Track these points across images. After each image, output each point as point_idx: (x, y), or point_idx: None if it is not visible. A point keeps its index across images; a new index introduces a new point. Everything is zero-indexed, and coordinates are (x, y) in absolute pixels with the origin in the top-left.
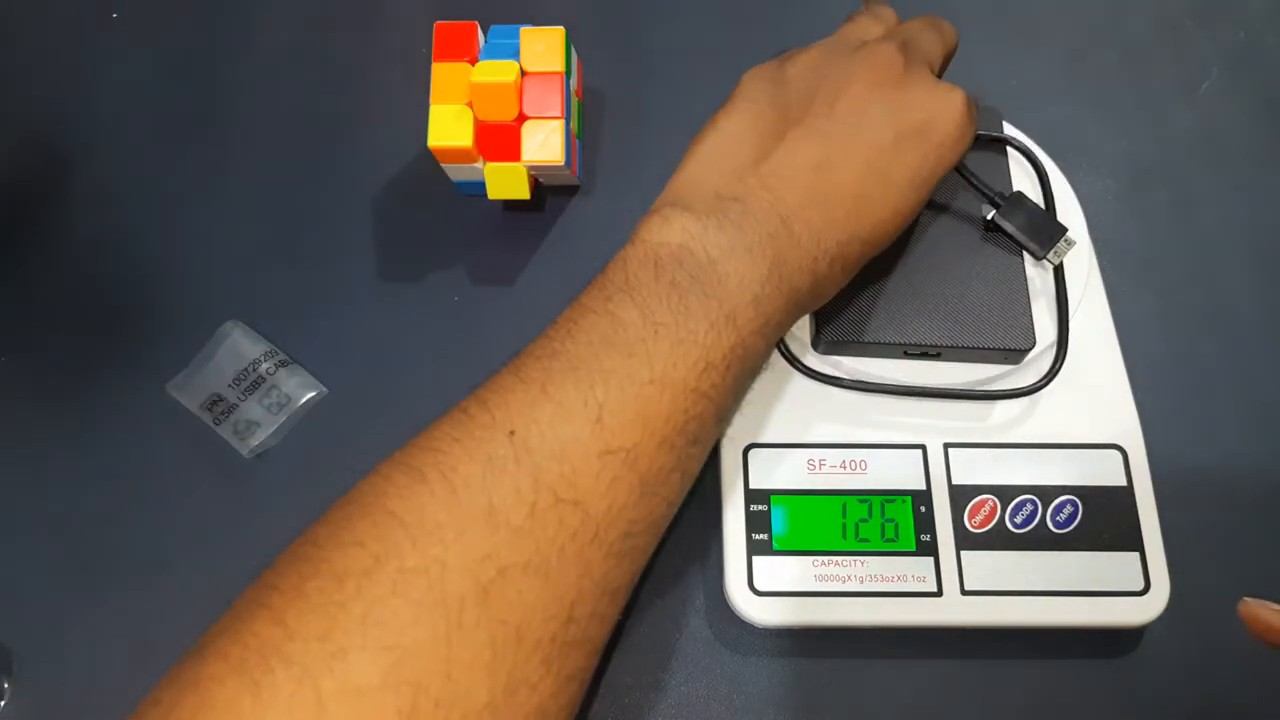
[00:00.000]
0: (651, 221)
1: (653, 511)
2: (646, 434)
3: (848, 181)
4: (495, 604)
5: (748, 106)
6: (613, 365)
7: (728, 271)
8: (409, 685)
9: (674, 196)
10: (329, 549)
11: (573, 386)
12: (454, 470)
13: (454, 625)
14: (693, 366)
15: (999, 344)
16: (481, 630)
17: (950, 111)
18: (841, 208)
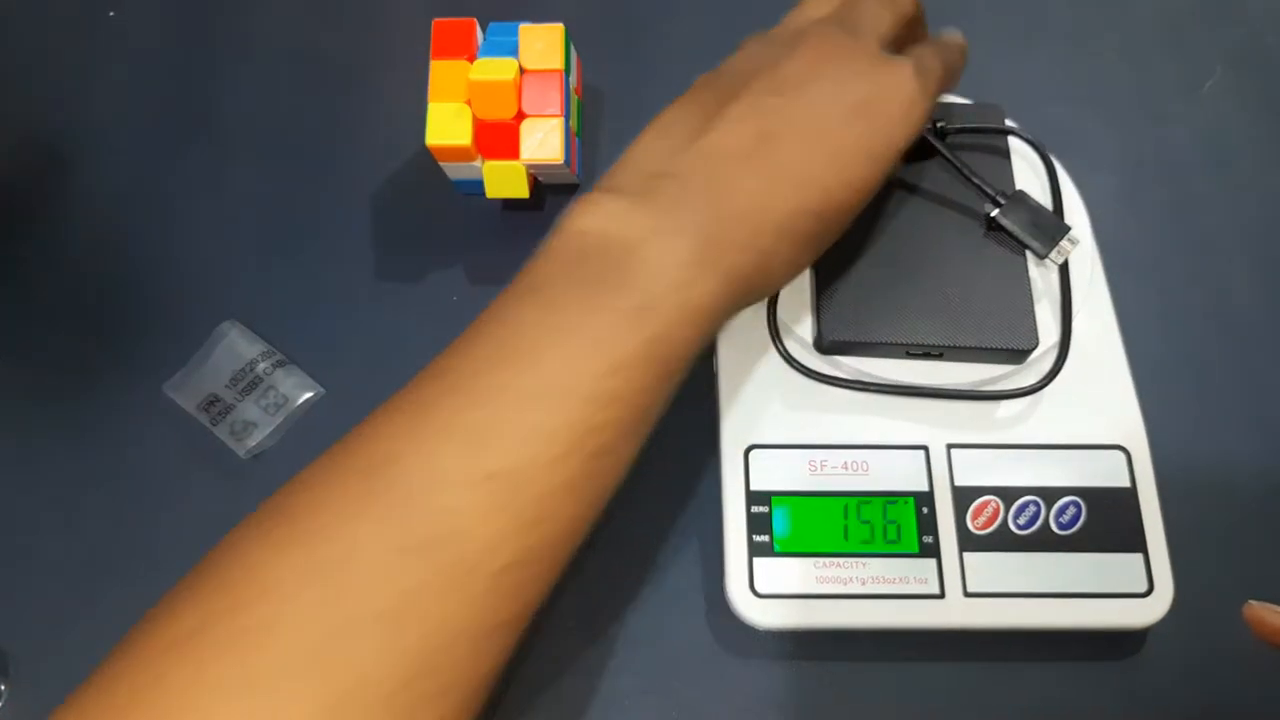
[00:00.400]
0: (575, 208)
1: (547, 536)
2: (533, 453)
3: (791, 152)
4: (332, 661)
5: (689, 95)
6: (502, 381)
7: (647, 256)
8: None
9: (606, 182)
10: (164, 608)
11: (451, 410)
12: (313, 516)
13: (280, 690)
14: (594, 371)
15: (1001, 344)
16: (311, 692)
17: (896, 81)
18: (786, 180)
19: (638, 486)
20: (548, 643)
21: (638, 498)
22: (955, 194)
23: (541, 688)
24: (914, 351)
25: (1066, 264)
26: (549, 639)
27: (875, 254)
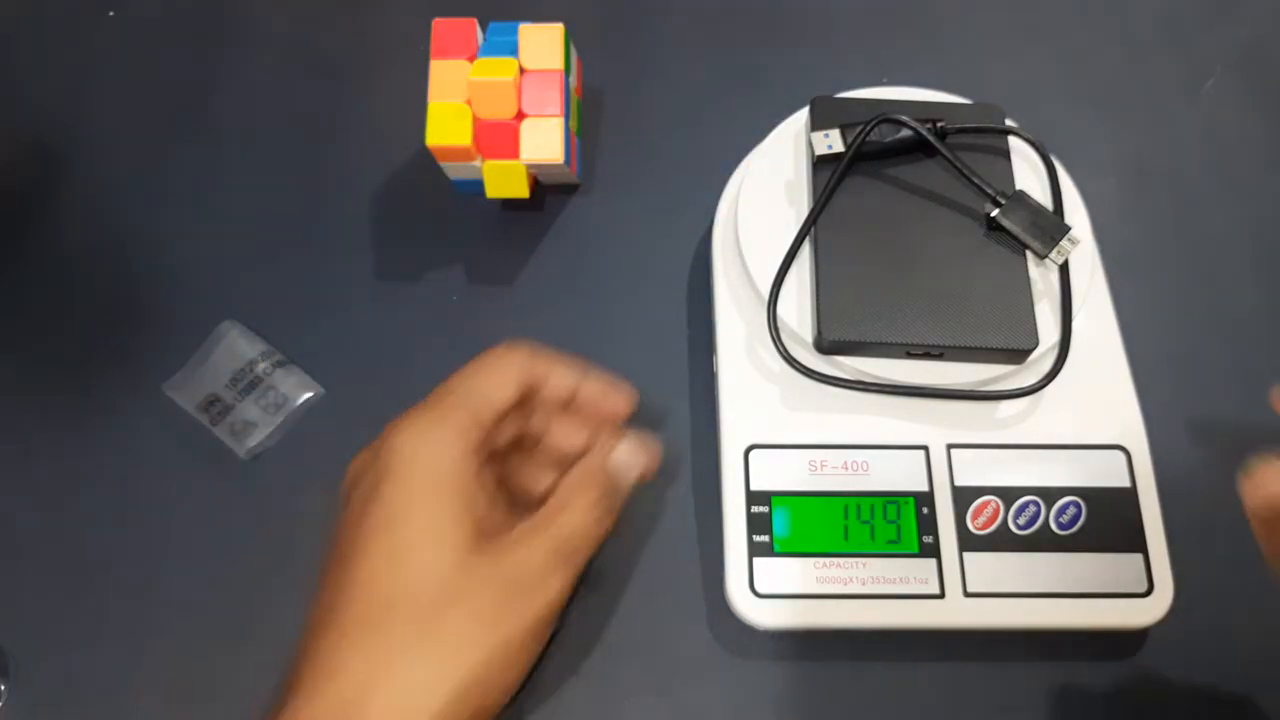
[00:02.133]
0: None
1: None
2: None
3: (321, 603)
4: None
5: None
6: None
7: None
8: None
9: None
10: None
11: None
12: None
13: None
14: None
15: (1002, 344)
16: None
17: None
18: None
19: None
20: (548, 643)
21: (638, 498)
22: (955, 194)
23: (542, 688)
24: (914, 351)
25: (1066, 264)
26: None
27: (875, 254)
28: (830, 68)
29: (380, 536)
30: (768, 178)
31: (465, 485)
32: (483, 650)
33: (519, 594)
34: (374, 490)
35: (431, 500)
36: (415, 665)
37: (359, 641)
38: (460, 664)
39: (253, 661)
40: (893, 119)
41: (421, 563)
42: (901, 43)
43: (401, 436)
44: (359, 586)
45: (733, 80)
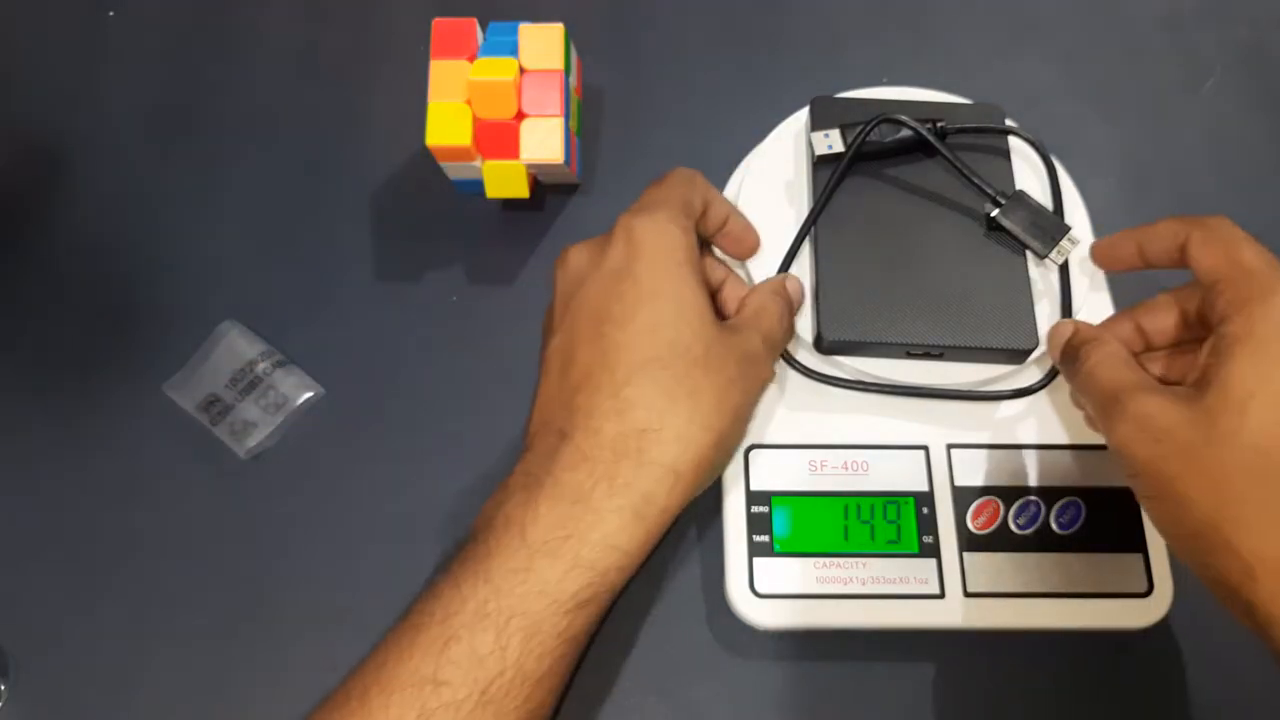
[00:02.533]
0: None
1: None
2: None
3: (581, 364)
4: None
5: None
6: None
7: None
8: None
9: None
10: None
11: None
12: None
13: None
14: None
15: (1002, 344)
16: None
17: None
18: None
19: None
20: None
21: None
22: (955, 194)
23: None
24: (914, 351)
25: (1066, 264)
26: None
27: (875, 254)
28: (830, 68)
29: (642, 307)
30: (768, 178)
31: (699, 270)
32: (727, 413)
33: (750, 369)
34: (626, 269)
35: (682, 280)
36: (686, 413)
37: (636, 390)
38: (714, 421)
39: (253, 661)
40: (893, 119)
41: (678, 331)
42: (901, 43)
43: (645, 226)
44: (624, 350)
45: (733, 80)
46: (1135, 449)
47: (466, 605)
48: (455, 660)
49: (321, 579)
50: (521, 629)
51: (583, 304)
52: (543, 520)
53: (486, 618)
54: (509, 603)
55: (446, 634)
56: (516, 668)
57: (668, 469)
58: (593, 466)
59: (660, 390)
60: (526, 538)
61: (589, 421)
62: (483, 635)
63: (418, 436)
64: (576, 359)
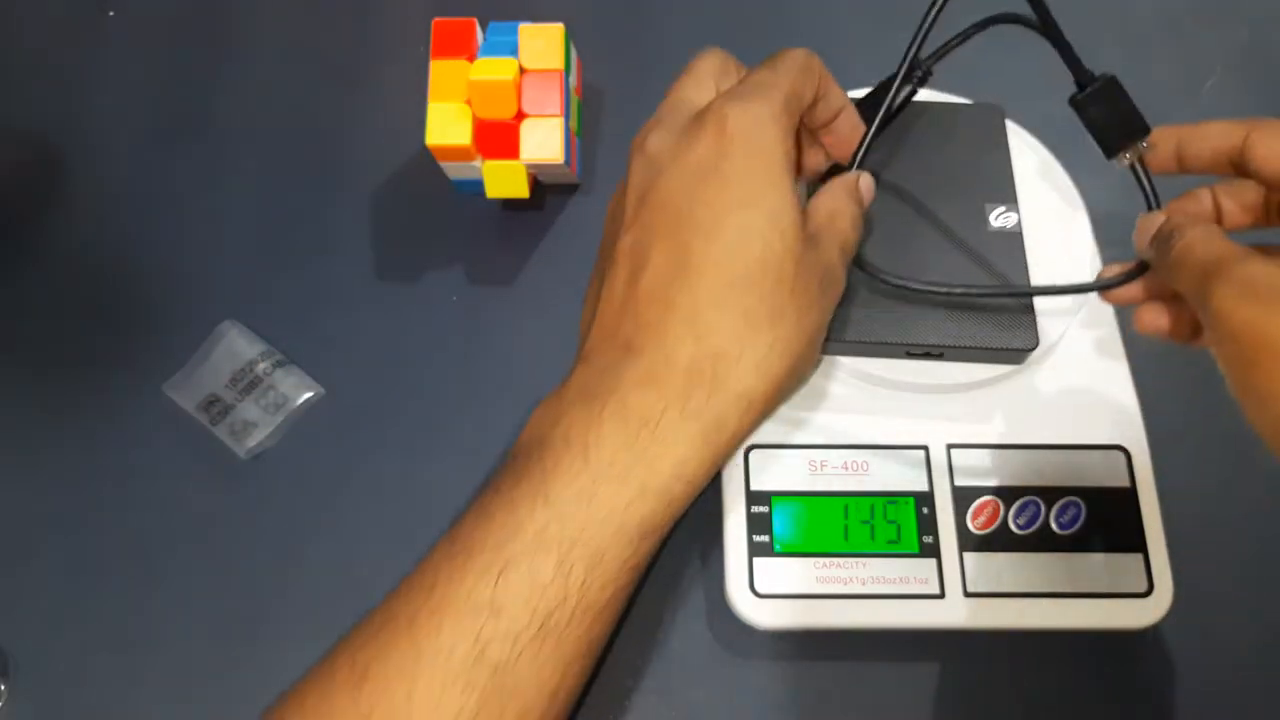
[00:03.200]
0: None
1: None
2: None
3: (655, 271)
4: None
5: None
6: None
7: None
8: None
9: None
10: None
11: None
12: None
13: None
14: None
15: (1002, 344)
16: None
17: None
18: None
19: None
20: None
21: None
22: (956, 194)
23: None
24: (914, 352)
25: (1142, 162)
26: None
27: (875, 254)
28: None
29: (731, 216)
30: None
31: (791, 173)
32: (806, 338)
33: (830, 286)
34: (714, 167)
35: (776, 187)
36: (768, 341)
37: (718, 314)
38: (793, 346)
39: (253, 661)
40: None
41: (769, 247)
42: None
43: (742, 119)
44: (708, 265)
45: None
46: (1237, 311)
47: (525, 529)
48: (513, 587)
49: (321, 579)
50: (585, 557)
51: (663, 201)
52: (608, 443)
53: (547, 544)
54: (571, 529)
55: (503, 559)
56: (579, 597)
57: (741, 396)
58: (663, 390)
59: (743, 314)
60: (590, 460)
61: (662, 341)
62: (543, 562)
63: (418, 436)
64: (651, 263)
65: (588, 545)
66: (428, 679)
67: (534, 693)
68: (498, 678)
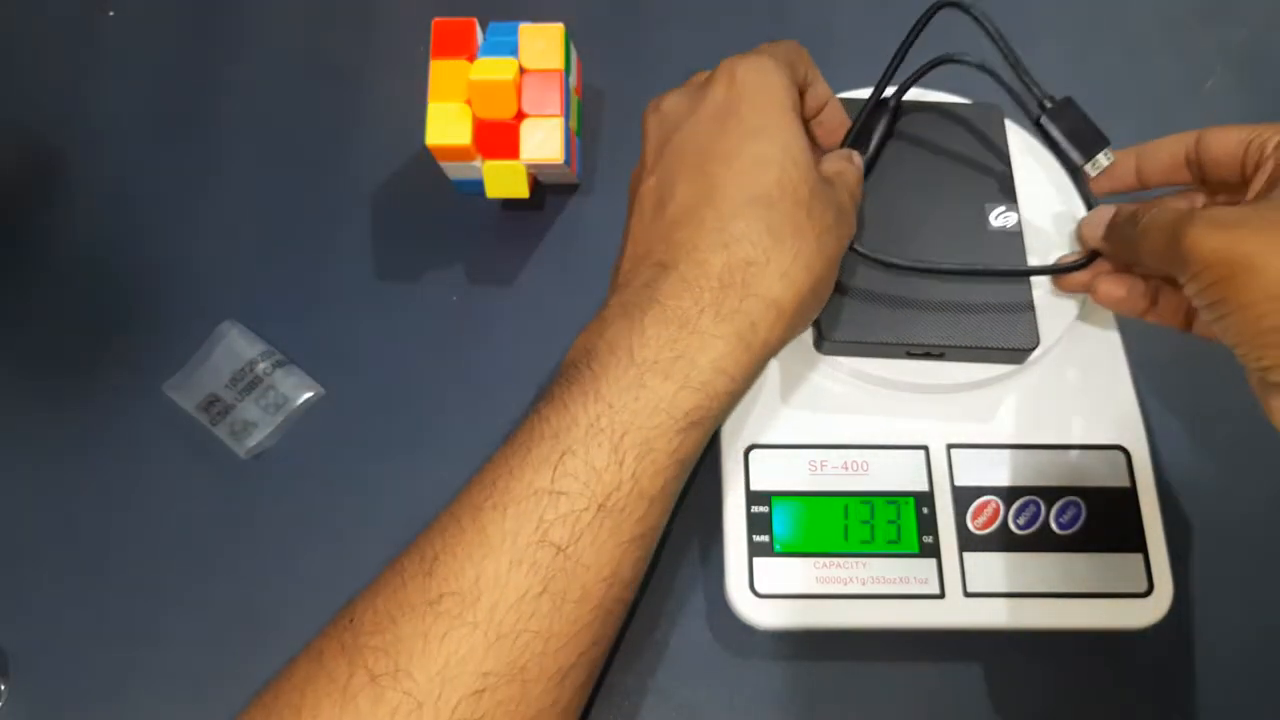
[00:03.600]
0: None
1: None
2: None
3: (681, 201)
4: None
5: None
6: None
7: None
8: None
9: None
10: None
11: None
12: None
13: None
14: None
15: (1002, 344)
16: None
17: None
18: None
19: None
20: None
21: None
22: (956, 194)
23: None
24: (914, 352)
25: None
26: None
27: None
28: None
29: (747, 145)
30: None
31: (799, 117)
32: (825, 258)
33: (841, 220)
34: (732, 109)
35: (786, 123)
36: (791, 251)
37: (743, 224)
38: (814, 263)
39: (253, 661)
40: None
41: (785, 170)
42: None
43: (749, 68)
44: (730, 184)
45: None
46: (1207, 241)
47: (579, 422)
48: (572, 472)
49: (321, 579)
50: (636, 445)
51: (683, 143)
52: (650, 342)
53: (600, 433)
54: (623, 418)
55: (560, 448)
56: (634, 482)
57: (771, 302)
58: (698, 295)
59: (766, 227)
60: (635, 359)
61: (694, 254)
62: (598, 450)
63: (418, 436)
64: (676, 195)
65: (638, 433)
66: (494, 562)
67: (593, 574)
68: (560, 559)
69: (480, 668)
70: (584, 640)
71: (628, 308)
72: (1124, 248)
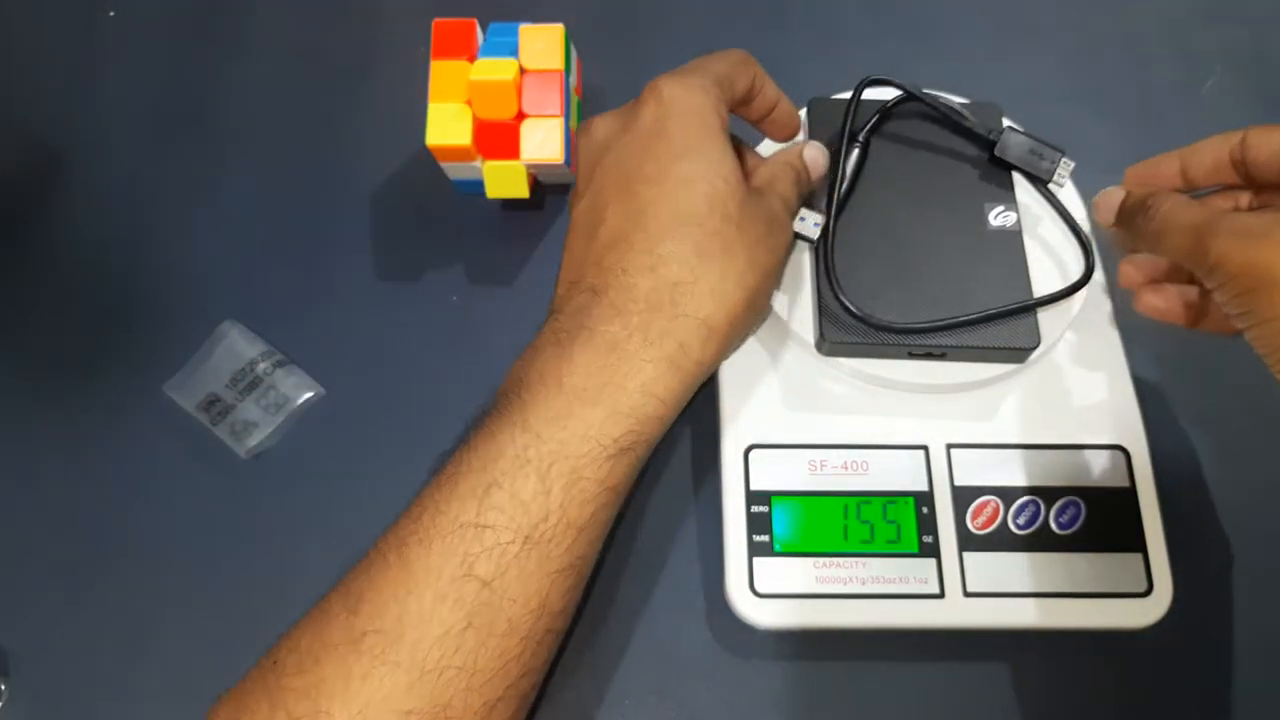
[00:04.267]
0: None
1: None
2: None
3: (611, 224)
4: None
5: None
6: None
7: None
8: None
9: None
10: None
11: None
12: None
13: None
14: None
15: (1003, 344)
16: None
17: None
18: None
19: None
20: None
21: (638, 498)
22: (955, 194)
23: (541, 688)
24: (915, 352)
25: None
26: None
27: (876, 255)
28: (830, 68)
29: (675, 164)
30: None
31: (726, 134)
32: (759, 271)
33: (774, 230)
34: (659, 130)
35: (713, 141)
36: (720, 269)
37: (671, 245)
38: (747, 278)
39: (253, 661)
40: (880, 80)
41: (713, 187)
42: (901, 43)
43: (675, 87)
44: (658, 205)
45: None
46: (1237, 254)
47: (505, 453)
48: (498, 505)
49: (321, 579)
50: (564, 474)
51: (612, 165)
52: (579, 369)
53: (528, 464)
54: (550, 448)
55: (486, 481)
56: (561, 513)
57: (701, 322)
58: (627, 319)
59: (694, 246)
60: (564, 388)
61: (622, 278)
62: (524, 481)
63: (418, 436)
64: (606, 219)
65: (566, 463)
66: (418, 599)
67: (520, 606)
68: (485, 593)
69: (402, 706)
70: (512, 672)
71: (559, 334)
72: (1136, 235)
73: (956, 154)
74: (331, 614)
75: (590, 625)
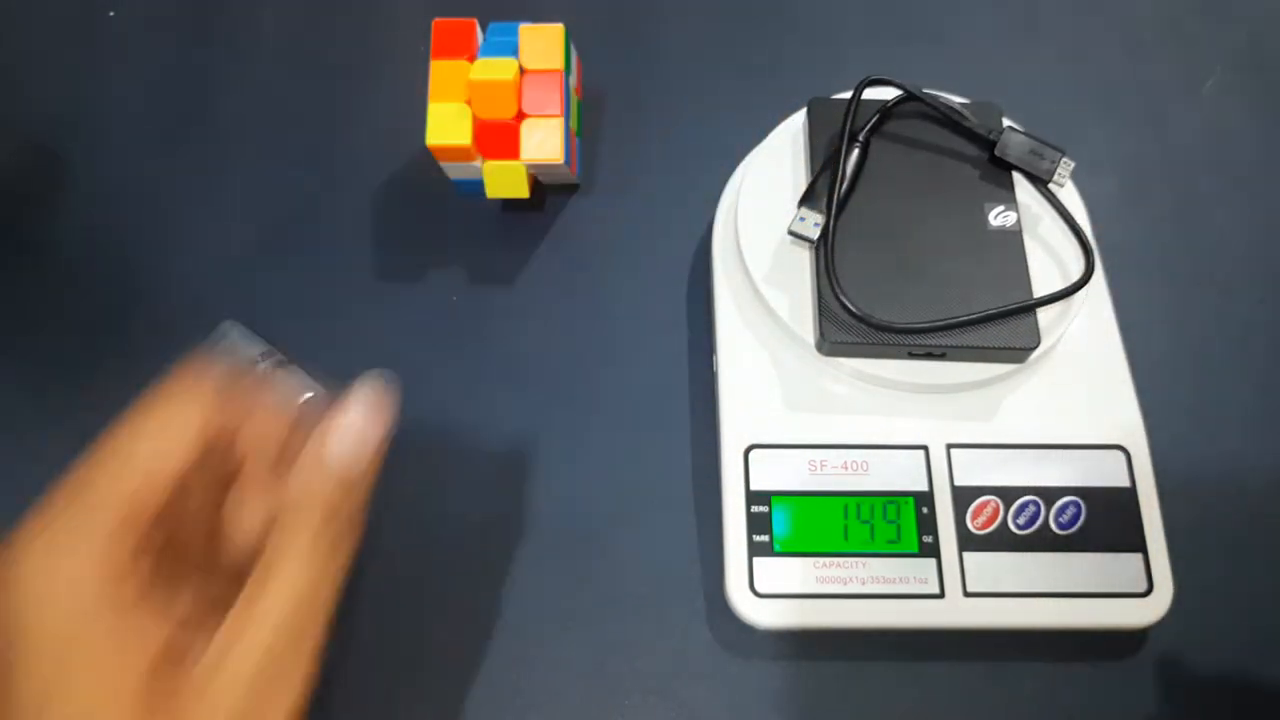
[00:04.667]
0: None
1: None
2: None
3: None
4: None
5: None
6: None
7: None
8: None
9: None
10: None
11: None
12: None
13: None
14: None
15: (1003, 344)
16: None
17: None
18: None
19: (638, 487)
20: (547, 643)
21: (638, 498)
22: (955, 194)
23: (541, 688)
24: (915, 352)
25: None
26: (549, 639)
27: (875, 255)
28: (830, 68)
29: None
30: (768, 178)
31: (128, 626)
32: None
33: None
34: (4, 665)
35: (86, 668)
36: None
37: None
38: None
39: None
40: (879, 80)
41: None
42: (901, 43)
43: (28, 579)
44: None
45: (732, 80)
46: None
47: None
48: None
49: None
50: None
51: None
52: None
53: None
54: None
55: None
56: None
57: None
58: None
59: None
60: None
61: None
62: None
63: (418, 436)
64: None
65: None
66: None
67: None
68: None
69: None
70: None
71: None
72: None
73: (956, 154)
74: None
75: (590, 625)
